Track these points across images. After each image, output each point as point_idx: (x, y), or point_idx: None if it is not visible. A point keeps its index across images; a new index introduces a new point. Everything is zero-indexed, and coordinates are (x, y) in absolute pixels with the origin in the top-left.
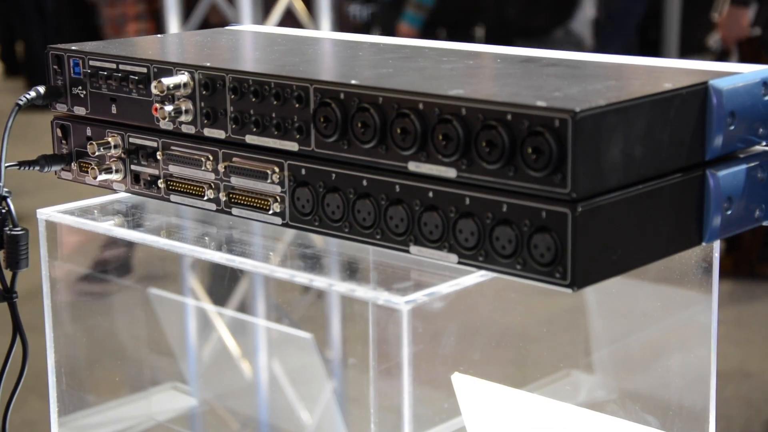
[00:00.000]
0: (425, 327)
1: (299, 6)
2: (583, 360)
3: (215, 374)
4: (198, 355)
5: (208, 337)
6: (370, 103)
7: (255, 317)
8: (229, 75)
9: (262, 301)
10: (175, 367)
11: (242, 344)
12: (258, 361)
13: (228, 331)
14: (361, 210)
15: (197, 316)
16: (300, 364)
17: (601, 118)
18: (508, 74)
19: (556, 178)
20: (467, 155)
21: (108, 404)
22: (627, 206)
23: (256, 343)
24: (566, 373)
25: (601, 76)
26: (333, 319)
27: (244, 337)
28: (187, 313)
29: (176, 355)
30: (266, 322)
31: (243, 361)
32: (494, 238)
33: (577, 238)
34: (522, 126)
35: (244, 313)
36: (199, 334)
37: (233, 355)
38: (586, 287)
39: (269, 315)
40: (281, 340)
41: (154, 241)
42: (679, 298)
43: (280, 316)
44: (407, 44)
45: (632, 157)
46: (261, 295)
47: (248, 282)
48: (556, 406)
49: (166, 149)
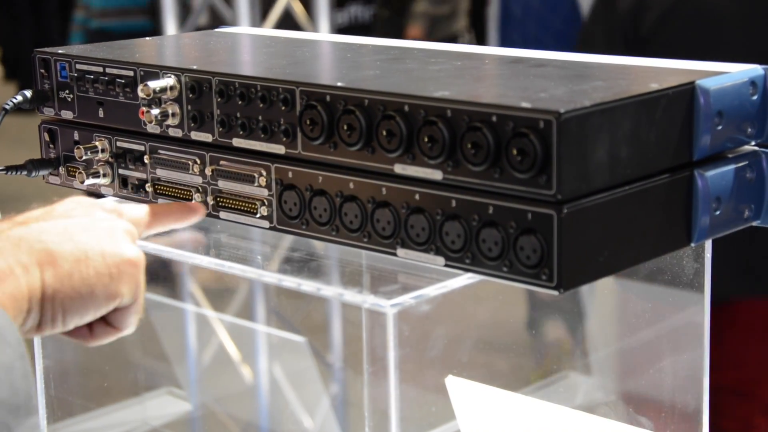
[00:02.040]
0: (412, 330)
1: (297, 8)
2: (581, 361)
3: (213, 378)
4: (196, 359)
5: (207, 342)
6: (355, 105)
7: (254, 322)
8: (216, 78)
9: (261, 305)
10: (169, 371)
11: (241, 348)
12: (256, 365)
13: (227, 335)
14: (348, 213)
15: (195, 321)
16: (296, 368)
17: (587, 119)
18: (496, 75)
19: (542, 180)
20: (453, 157)
21: (100, 410)
22: (613, 207)
23: (255, 348)
24: (564, 375)
25: (588, 76)
26: (333, 323)
27: (242, 342)
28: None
29: (171, 360)
30: (262, 327)
31: (242, 365)
32: (481, 240)
33: (563, 240)
34: (507, 127)
35: (243, 317)
36: (197, 338)
37: (232, 359)
38: (573, 288)
39: (269, 319)
40: (277, 344)
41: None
42: (671, 299)
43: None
44: (397, 45)
45: (618, 158)
46: (261, 299)
47: (247, 286)
48: (552, 409)
49: (153, 153)
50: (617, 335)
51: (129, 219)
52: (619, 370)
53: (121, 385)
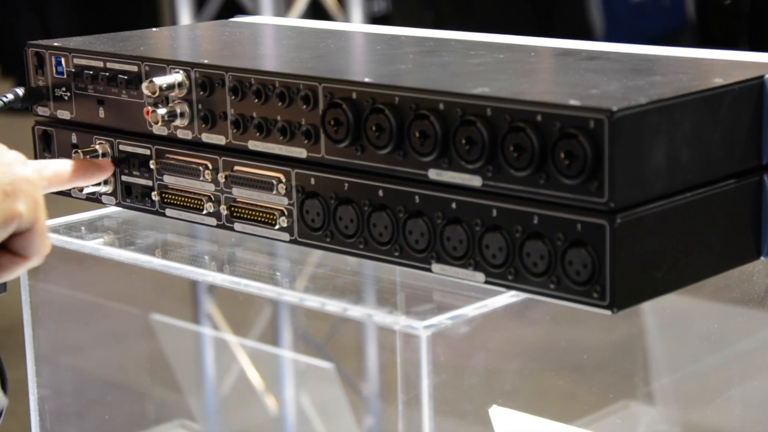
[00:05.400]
0: (449, 354)
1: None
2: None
3: (232, 410)
4: (213, 388)
5: (225, 369)
6: (385, 104)
7: (278, 347)
8: (229, 73)
9: (287, 327)
10: (182, 402)
11: (264, 376)
12: (281, 395)
13: (248, 361)
14: (377, 224)
15: (212, 345)
16: (324, 397)
17: (642, 118)
18: (542, 69)
19: (592, 186)
20: (494, 161)
21: None
22: (672, 217)
23: (279, 375)
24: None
25: (645, 70)
26: (365, 347)
27: (265, 369)
28: (202, 341)
29: (184, 389)
30: (287, 352)
31: (265, 395)
32: (525, 253)
33: (617, 254)
34: (553, 128)
35: (267, 341)
36: (214, 364)
37: (254, 388)
38: (628, 308)
39: (295, 344)
40: (304, 371)
41: (147, 261)
42: (740, 319)
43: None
44: (432, 36)
45: (678, 162)
46: (286, 321)
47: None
48: None
49: (160, 157)
50: (681, 360)
51: (32, 169)
52: (684, 400)
53: (127, 419)
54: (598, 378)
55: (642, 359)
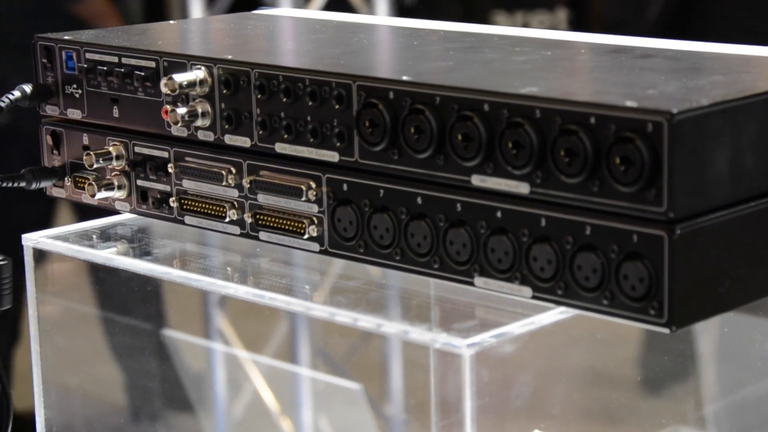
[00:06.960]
0: (493, 375)
1: None
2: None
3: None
4: (225, 409)
5: (239, 389)
6: (424, 104)
7: (296, 365)
8: (255, 70)
9: (306, 344)
10: (194, 425)
11: (280, 397)
12: (299, 418)
13: (263, 380)
14: (415, 234)
15: (224, 363)
16: (349, 422)
17: (704, 121)
18: (594, 68)
19: (650, 194)
20: (543, 167)
21: None
22: (736, 228)
23: (298, 396)
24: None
25: (706, 69)
26: (394, 367)
27: (282, 389)
28: (214, 359)
29: (196, 410)
30: (307, 371)
31: (281, 418)
32: (576, 267)
33: (676, 267)
34: (608, 131)
35: (284, 359)
36: (227, 384)
37: (269, 410)
38: (687, 326)
39: (316, 362)
40: (325, 392)
41: (164, 272)
42: None
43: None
44: (473, 31)
45: (742, 168)
46: (305, 337)
47: (288, 322)
48: None
49: (179, 160)
50: (739, 383)
51: None
52: (741, 426)
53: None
54: (648, 401)
55: (695, 381)
